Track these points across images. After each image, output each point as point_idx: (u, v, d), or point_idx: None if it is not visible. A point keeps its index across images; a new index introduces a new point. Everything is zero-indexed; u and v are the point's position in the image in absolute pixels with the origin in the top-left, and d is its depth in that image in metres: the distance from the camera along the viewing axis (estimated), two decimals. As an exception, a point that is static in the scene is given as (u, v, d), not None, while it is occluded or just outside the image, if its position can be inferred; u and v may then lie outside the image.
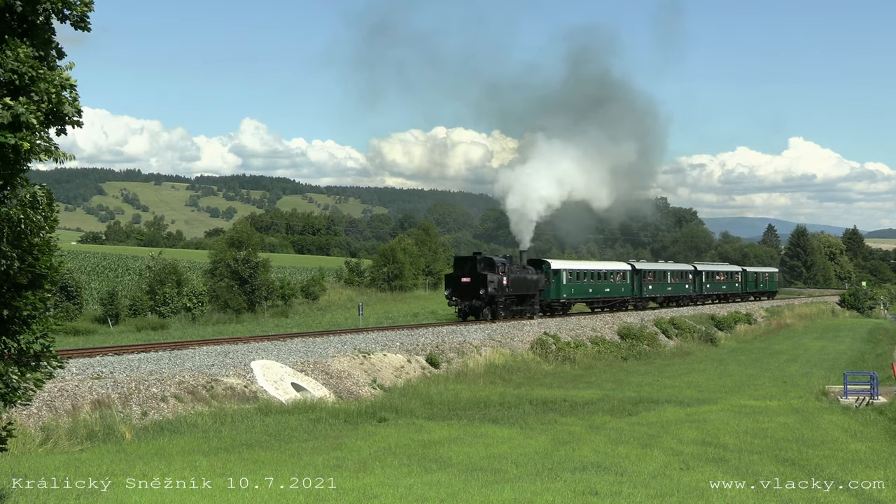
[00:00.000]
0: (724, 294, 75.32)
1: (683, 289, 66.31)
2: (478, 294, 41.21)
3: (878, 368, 32.29)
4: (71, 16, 7.95)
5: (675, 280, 64.95)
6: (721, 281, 74.68)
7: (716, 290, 73.10)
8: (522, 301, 45.01)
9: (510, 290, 43.02)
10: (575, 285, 50.74)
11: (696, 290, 68.48)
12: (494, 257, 43.46)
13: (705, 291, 70.53)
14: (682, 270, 67.11)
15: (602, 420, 20.62)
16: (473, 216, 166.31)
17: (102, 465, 14.36)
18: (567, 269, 50.31)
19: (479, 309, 41.57)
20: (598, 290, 53.80)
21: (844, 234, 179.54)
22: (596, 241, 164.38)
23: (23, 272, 7.98)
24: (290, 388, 23.64)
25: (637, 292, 58.83)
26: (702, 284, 69.69)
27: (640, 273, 59.04)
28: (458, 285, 41.65)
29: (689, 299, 67.58)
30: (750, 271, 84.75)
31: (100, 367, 21.50)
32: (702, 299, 70.45)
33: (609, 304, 56.07)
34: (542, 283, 46.84)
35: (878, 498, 12.96)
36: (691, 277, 67.91)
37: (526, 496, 12.36)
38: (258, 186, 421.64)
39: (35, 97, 7.55)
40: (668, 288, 63.82)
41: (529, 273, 45.68)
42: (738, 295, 78.88)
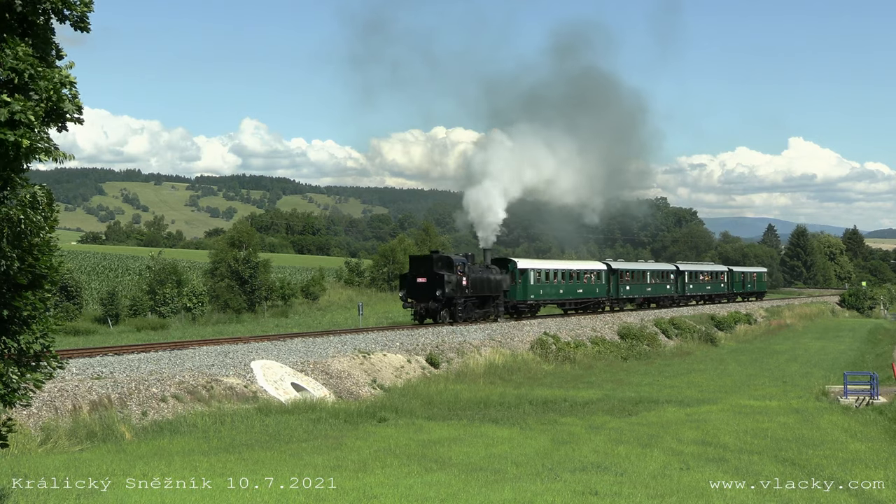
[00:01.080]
0: (708, 295, 72.74)
1: (664, 289, 63.69)
2: (434, 295, 38.60)
3: (878, 368, 32.29)
4: (71, 16, 7.95)
5: (656, 280, 62.32)
6: (705, 281, 72.02)
7: (699, 291, 70.66)
8: (485, 303, 42.56)
9: (470, 291, 40.58)
10: (543, 286, 48.02)
11: (678, 291, 66.02)
12: (453, 256, 40.91)
13: (688, 292, 67.95)
14: (662, 270, 64.47)
15: (602, 420, 20.62)
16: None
17: (102, 465, 14.36)
18: (535, 268, 47.54)
19: (436, 311, 39.08)
20: (570, 290, 50.98)
21: (844, 234, 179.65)
22: (596, 241, 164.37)
23: (23, 272, 7.98)
24: (290, 388, 23.64)
25: (613, 293, 56.08)
26: (684, 285, 67.06)
27: (616, 273, 56.39)
28: (414, 286, 39.18)
29: (670, 300, 65.01)
30: (737, 271, 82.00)
31: (100, 367, 21.50)
32: (684, 300, 67.87)
33: (582, 305, 53.38)
34: (507, 283, 44.27)
35: (878, 498, 12.96)
36: (673, 277, 65.32)
37: (526, 496, 12.35)
38: (258, 186, 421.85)
39: (35, 95, 7.55)
40: (648, 289, 61.20)
41: (492, 273, 43.18)
42: (725, 296, 76.25)
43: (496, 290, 43.12)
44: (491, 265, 43.84)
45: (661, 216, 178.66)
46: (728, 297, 77.01)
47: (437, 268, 38.83)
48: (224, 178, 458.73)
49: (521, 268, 46.01)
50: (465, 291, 40.11)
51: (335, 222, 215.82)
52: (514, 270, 45.57)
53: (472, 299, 41.12)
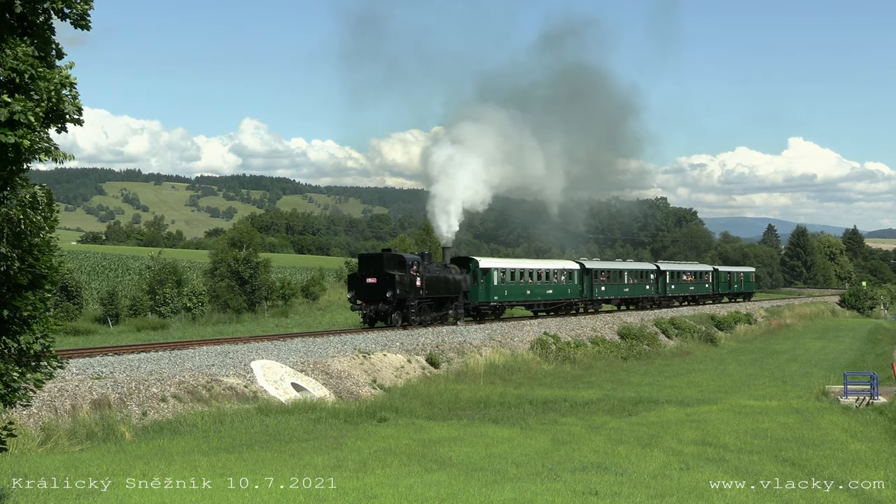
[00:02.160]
0: (692, 296, 69.71)
1: (643, 290, 60.72)
2: (385, 297, 36.00)
3: (878, 368, 32.29)
4: (71, 14, 7.95)
5: (634, 280, 59.30)
6: (688, 281, 68.80)
7: (682, 292, 67.57)
8: (442, 304, 39.87)
9: (425, 292, 37.86)
10: (508, 286, 44.90)
11: (658, 292, 62.89)
12: (406, 254, 38.55)
13: (669, 293, 64.82)
14: (641, 270, 61.55)
15: (602, 420, 20.62)
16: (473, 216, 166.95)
17: (102, 465, 14.36)
18: (499, 267, 44.59)
19: (387, 314, 36.45)
20: (539, 291, 47.95)
21: (844, 234, 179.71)
22: (596, 242, 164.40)
23: (23, 272, 7.98)
24: (290, 388, 23.64)
25: (587, 294, 53.07)
26: (665, 285, 63.96)
27: (590, 272, 53.40)
28: (363, 287, 36.59)
29: (650, 301, 61.88)
30: (722, 271, 78.90)
31: (100, 367, 21.49)
32: (665, 301, 64.60)
33: (553, 307, 50.45)
34: (467, 283, 41.53)
35: (878, 498, 12.96)
36: (653, 277, 62.38)
37: (526, 496, 12.35)
38: (258, 186, 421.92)
39: (35, 96, 7.55)
40: (625, 289, 58.11)
41: (451, 272, 40.40)
42: (709, 297, 73.22)
43: (455, 291, 40.47)
44: (450, 264, 41.35)
45: (661, 216, 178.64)
46: (713, 297, 74.27)
47: (387, 267, 36.34)
48: (224, 178, 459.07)
49: (483, 267, 43.34)
50: (419, 292, 37.51)
51: (335, 222, 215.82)
52: (476, 270, 42.93)
53: (428, 301, 38.48)
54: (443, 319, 39.89)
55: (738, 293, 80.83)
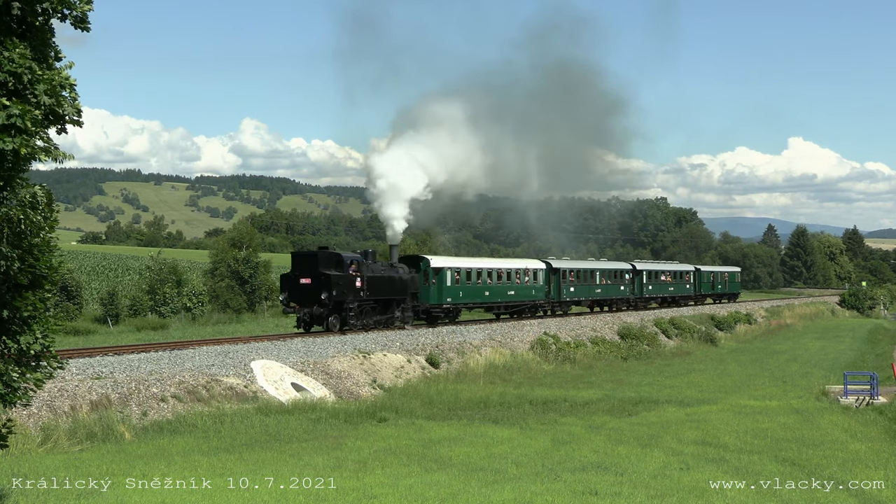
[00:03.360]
0: (671, 297, 66.29)
1: (617, 291, 57.65)
2: (320, 299, 32.95)
3: (878, 368, 32.30)
4: (71, 15, 7.95)
5: (607, 281, 56.22)
6: (667, 282, 65.49)
7: (660, 293, 64.33)
8: (387, 307, 36.83)
9: (367, 294, 34.90)
10: (464, 287, 41.72)
11: (634, 293, 59.85)
12: (345, 252, 35.72)
13: (646, 294, 61.66)
14: (615, 269, 58.39)
15: (602, 420, 20.62)
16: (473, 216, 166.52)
17: (102, 465, 14.37)
18: (453, 266, 41.44)
19: (322, 317, 33.56)
20: (499, 292, 44.67)
21: (844, 234, 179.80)
22: (596, 241, 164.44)
23: (23, 272, 7.98)
24: (290, 388, 23.64)
25: (554, 295, 49.87)
26: (642, 286, 60.84)
27: (558, 272, 50.19)
28: (296, 288, 33.55)
29: (624, 303, 58.97)
30: (705, 271, 75.27)
31: (100, 367, 21.49)
32: (642, 303, 61.55)
33: (515, 310, 47.10)
34: (417, 284, 38.63)
35: (878, 498, 12.96)
36: (629, 278, 59.25)
37: (526, 496, 12.36)
38: (258, 186, 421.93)
39: (33, 99, 7.55)
40: (597, 290, 54.89)
41: (398, 272, 37.42)
42: (691, 298, 69.70)
43: (402, 292, 37.43)
44: (397, 263, 38.46)
45: (661, 216, 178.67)
46: (695, 298, 70.71)
47: (323, 266, 33.38)
48: (224, 178, 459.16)
49: (434, 266, 40.18)
50: (359, 294, 34.51)
51: (335, 222, 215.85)
52: (427, 269, 39.79)
53: (370, 303, 35.45)
54: (388, 323, 36.76)
55: (723, 294, 77.66)
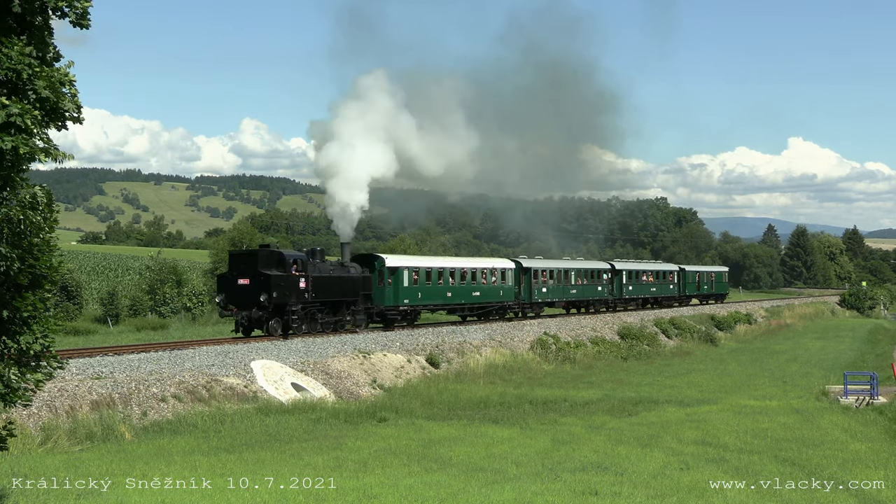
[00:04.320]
0: (653, 298, 63.54)
1: (594, 291, 54.74)
2: (258, 301, 30.34)
3: (878, 368, 32.29)
4: (70, 13, 7.94)
5: (583, 281, 53.32)
6: (649, 282, 62.60)
7: (641, 294, 61.52)
8: (337, 309, 34.30)
9: (312, 295, 32.32)
10: (423, 288, 39.03)
11: (613, 294, 57.15)
12: (287, 251, 33.11)
13: (626, 295, 58.81)
14: (592, 269, 55.34)
15: (602, 420, 20.62)
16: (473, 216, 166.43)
17: (102, 465, 14.37)
18: (410, 266, 38.83)
19: (262, 321, 30.85)
20: (462, 293, 41.81)
21: (844, 234, 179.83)
22: (596, 242, 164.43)
23: (23, 272, 7.98)
24: (290, 388, 23.64)
25: (525, 296, 46.99)
26: (621, 286, 58.05)
27: (529, 272, 47.41)
28: (234, 289, 30.92)
29: (602, 304, 56.17)
30: (689, 271, 71.89)
31: (100, 367, 21.49)
32: (621, 304, 58.77)
33: (481, 312, 44.22)
34: (370, 285, 36.09)
35: (878, 498, 12.96)
36: (606, 278, 56.34)
37: (526, 496, 12.35)
38: (258, 186, 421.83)
39: (33, 95, 7.55)
40: (572, 291, 52.01)
41: (348, 272, 34.90)
42: (674, 299, 66.67)
43: (352, 294, 34.91)
44: (349, 263, 35.96)
45: (661, 216, 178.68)
46: (679, 299, 67.60)
47: (263, 266, 30.98)
48: (224, 178, 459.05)
49: (390, 265, 37.60)
50: (303, 296, 31.95)
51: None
52: (382, 269, 37.17)
53: (317, 305, 32.88)
54: (338, 326, 34.35)
55: (709, 294, 74.34)
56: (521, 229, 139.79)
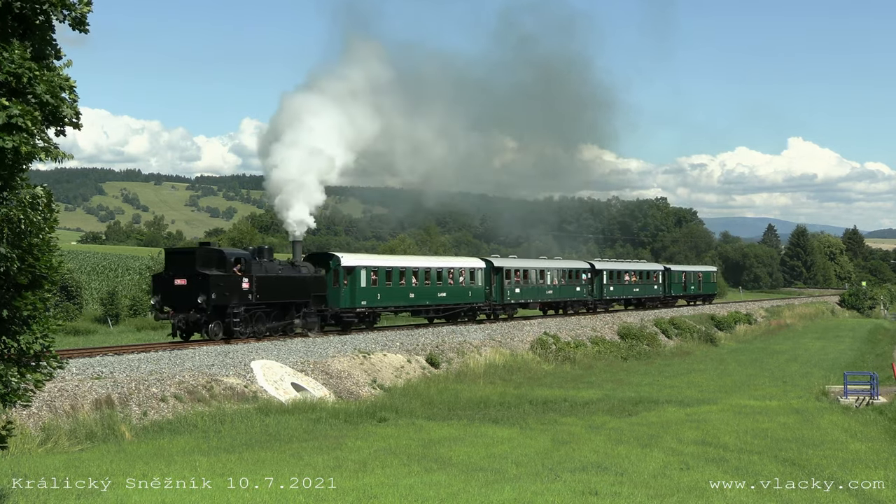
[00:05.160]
0: (637, 299, 61.26)
1: (573, 292, 52.18)
2: (196, 303, 28.16)
3: (878, 368, 32.29)
4: (70, 16, 7.95)
5: (560, 281, 50.74)
6: (632, 283, 60.16)
7: (623, 294, 59.18)
8: (285, 312, 31.87)
9: (257, 297, 30.02)
10: (383, 289, 36.52)
11: (593, 294, 54.64)
12: (229, 249, 31.08)
13: (608, 295, 56.29)
14: (570, 269, 52.59)
15: (602, 420, 20.62)
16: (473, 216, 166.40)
17: (102, 465, 14.37)
18: (369, 265, 36.32)
19: (201, 324, 28.64)
20: (427, 294, 39.25)
21: (844, 234, 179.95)
22: (596, 241, 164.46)
23: (23, 272, 7.98)
24: (290, 388, 23.65)
25: (496, 297, 44.36)
26: (602, 287, 55.44)
27: (500, 272, 44.69)
28: (171, 290, 28.66)
29: (581, 305, 53.72)
30: (675, 270, 69.09)
31: (100, 367, 21.49)
32: (602, 305, 56.41)
33: (448, 313, 41.30)
34: (324, 285, 33.60)
35: (878, 498, 12.96)
36: (586, 278, 53.75)
37: (526, 496, 12.35)
38: (258, 186, 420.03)
39: (32, 99, 7.55)
40: (548, 291, 49.43)
41: (299, 272, 32.69)
42: (659, 300, 64.19)
43: (303, 295, 32.50)
44: (300, 262, 33.83)
45: (661, 216, 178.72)
46: (663, 300, 65.07)
47: (201, 265, 28.73)
48: (224, 177, 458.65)
49: (346, 265, 34.94)
50: (247, 297, 29.68)
51: (335, 222, 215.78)
52: (338, 269, 34.63)
53: (262, 307, 30.52)
54: (287, 330, 32.02)
55: (696, 295, 71.56)
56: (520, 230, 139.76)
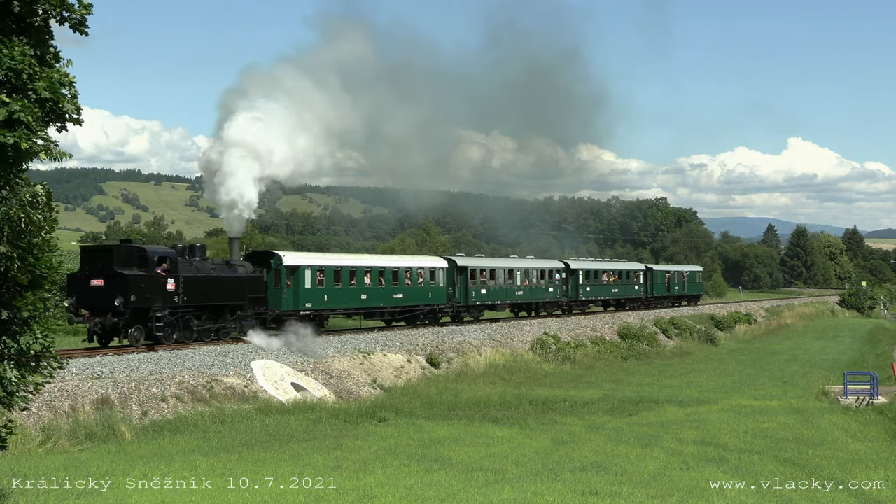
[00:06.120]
0: (615, 300, 57.90)
1: (545, 293, 48.88)
2: (113, 306, 25.30)
3: (878, 368, 32.29)
4: (70, 18, 7.96)
5: (531, 282, 47.61)
6: (610, 283, 56.57)
7: (601, 295, 55.58)
8: (218, 315, 28.72)
9: (184, 299, 27.00)
10: (331, 290, 33.29)
11: (568, 295, 51.23)
12: (151, 247, 28.50)
13: (583, 296, 52.82)
14: (542, 268, 49.21)
15: (602, 420, 20.63)
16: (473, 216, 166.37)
17: (102, 465, 14.37)
18: (314, 265, 33.03)
19: (120, 328, 25.74)
20: (380, 296, 35.90)
21: (844, 234, 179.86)
22: (596, 242, 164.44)
23: (23, 272, 7.98)
24: (290, 388, 23.66)
25: (460, 298, 41.23)
26: (577, 287, 52.06)
27: (465, 272, 41.60)
28: (87, 291, 25.98)
29: (555, 306, 50.33)
30: (658, 270, 65.55)
31: (100, 367, 21.50)
32: (578, 306, 53.02)
33: (405, 315, 37.99)
34: (264, 286, 30.72)
35: (878, 498, 12.96)
36: (559, 278, 50.31)
37: (526, 496, 12.36)
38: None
39: (33, 95, 7.56)
40: (517, 292, 46.18)
41: (235, 271, 29.73)
42: (640, 300, 60.56)
43: (238, 297, 29.40)
44: (237, 261, 30.82)
45: (661, 216, 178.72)
46: (646, 301, 61.50)
47: (119, 264, 25.97)
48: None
49: (289, 264, 31.92)
50: (171, 300, 26.72)
51: (335, 222, 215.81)
52: (280, 268, 31.66)
53: (190, 310, 27.49)
54: (221, 335, 28.80)
55: (681, 296, 67.82)
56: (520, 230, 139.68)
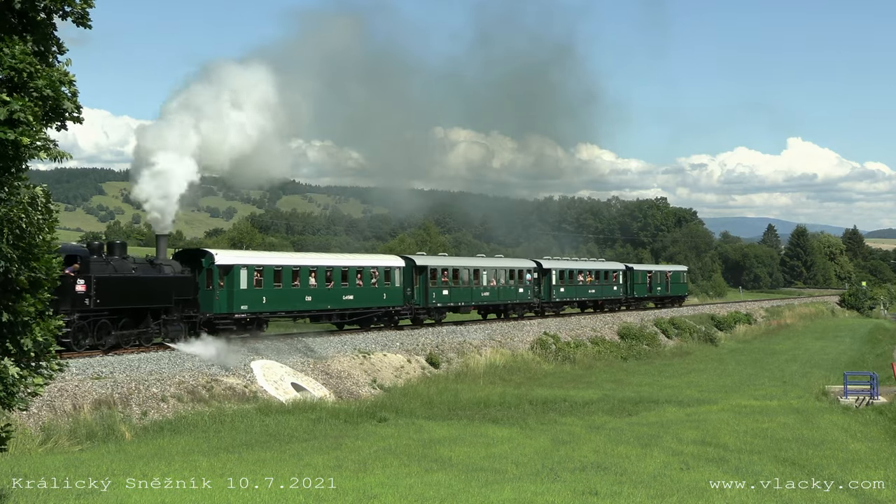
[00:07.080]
0: (593, 301, 54.59)
1: (515, 294, 45.51)
2: None
3: (878, 368, 32.29)
4: (72, 13, 7.96)
5: (499, 282, 44.25)
6: (587, 283, 53.16)
7: (576, 296, 52.13)
8: (138, 319, 26.09)
9: (97, 302, 24.27)
10: (270, 291, 30.42)
11: (540, 296, 48.02)
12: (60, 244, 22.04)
13: (557, 297, 49.50)
14: (511, 268, 45.82)
15: (602, 420, 20.63)
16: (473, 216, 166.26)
17: (102, 465, 14.37)
18: (251, 264, 29.97)
19: None
20: (328, 297, 32.89)
21: (844, 234, 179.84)
22: (596, 241, 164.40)
23: (23, 273, 7.98)
24: (290, 388, 23.66)
25: (419, 300, 38.12)
26: (550, 288, 48.87)
27: (425, 272, 38.54)
28: None
29: (526, 308, 46.74)
30: (639, 270, 61.88)
31: (100, 367, 21.49)
32: (551, 308, 49.71)
33: (357, 318, 35.04)
34: (194, 287, 28.13)
35: (878, 498, 12.96)
36: (530, 278, 46.98)
37: (526, 496, 12.35)
38: (258, 186, 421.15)
39: (34, 94, 7.56)
40: (484, 293, 42.97)
41: (160, 271, 27.11)
42: (619, 301, 57.55)
43: (161, 299, 26.77)
44: (164, 260, 28.16)
45: (661, 216, 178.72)
46: (625, 302, 58.52)
47: None
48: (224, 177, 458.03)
49: (221, 263, 28.98)
50: (82, 302, 24.06)
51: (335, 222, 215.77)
52: (212, 268, 28.82)
53: (105, 314, 24.80)
54: (143, 340, 26.15)
55: (663, 297, 64.15)
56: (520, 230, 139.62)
